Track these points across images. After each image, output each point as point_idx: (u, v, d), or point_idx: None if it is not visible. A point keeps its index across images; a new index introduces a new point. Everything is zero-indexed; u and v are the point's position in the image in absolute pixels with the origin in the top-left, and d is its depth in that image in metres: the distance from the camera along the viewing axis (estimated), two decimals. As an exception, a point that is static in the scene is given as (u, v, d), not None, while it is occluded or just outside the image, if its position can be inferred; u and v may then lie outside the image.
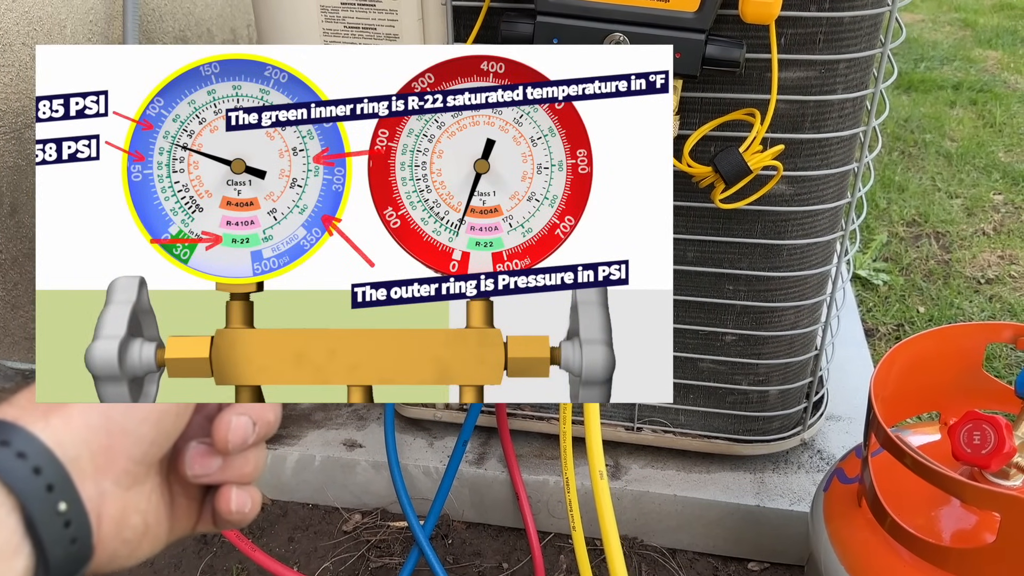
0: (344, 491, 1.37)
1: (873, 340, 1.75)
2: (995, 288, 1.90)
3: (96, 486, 0.37)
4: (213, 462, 0.42)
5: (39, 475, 0.35)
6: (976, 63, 3.13)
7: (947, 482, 0.76)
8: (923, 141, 2.54)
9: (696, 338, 1.17)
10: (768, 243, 1.07)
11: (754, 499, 1.23)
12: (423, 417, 1.35)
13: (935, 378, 0.93)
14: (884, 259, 2.02)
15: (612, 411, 1.27)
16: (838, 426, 1.36)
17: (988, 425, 0.77)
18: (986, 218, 2.16)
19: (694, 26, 0.84)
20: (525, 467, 1.30)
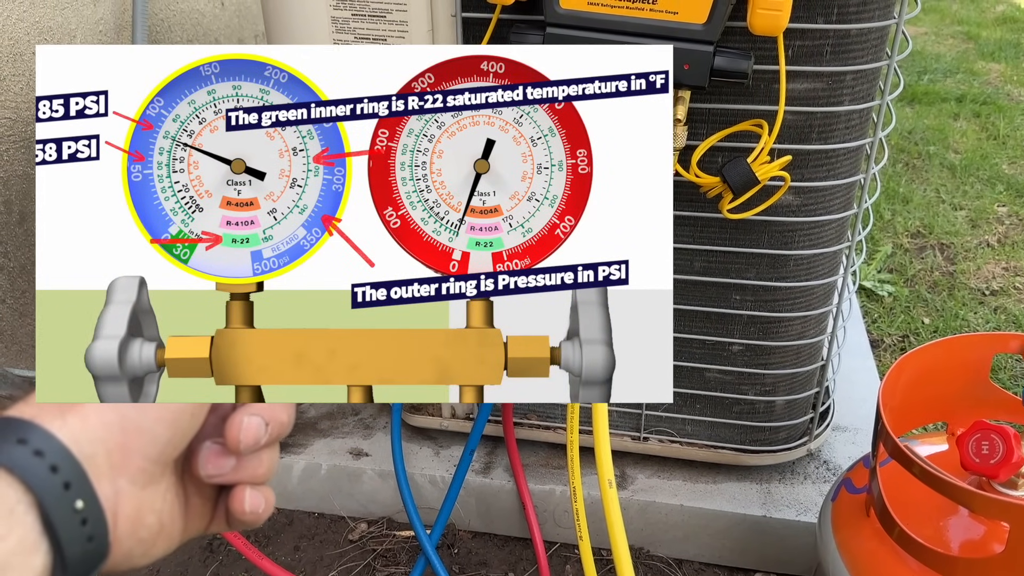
0: (350, 500, 1.37)
1: (878, 351, 1.75)
2: (1000, 299, 1.90)
3: (112, 484, 0.37)
4: (227, 462, 0.42)
5: (56, 473, 0.35)
6: (979, 76, 3.14)
7: (956, 492, 0.76)
8: (927, 153, 2.54)
9: (703, 348, 1.17)
10: (775, 253, 1.07)
11: (760, 509, 1.23)
12: (429, 426, 1.35)
13: (942, 388, 0.93)
14: (889, 270, 2.02)
15: (619, 421, 1.28)
16: (844, 436, 1.36)
17: (996, 435, 0.77)
18: (990, 230, 2.16)
19: (703, 38, 0.85)
20: (531, 476, 1.30)
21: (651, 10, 0.86)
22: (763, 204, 0.99)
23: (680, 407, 1.24)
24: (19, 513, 0.34)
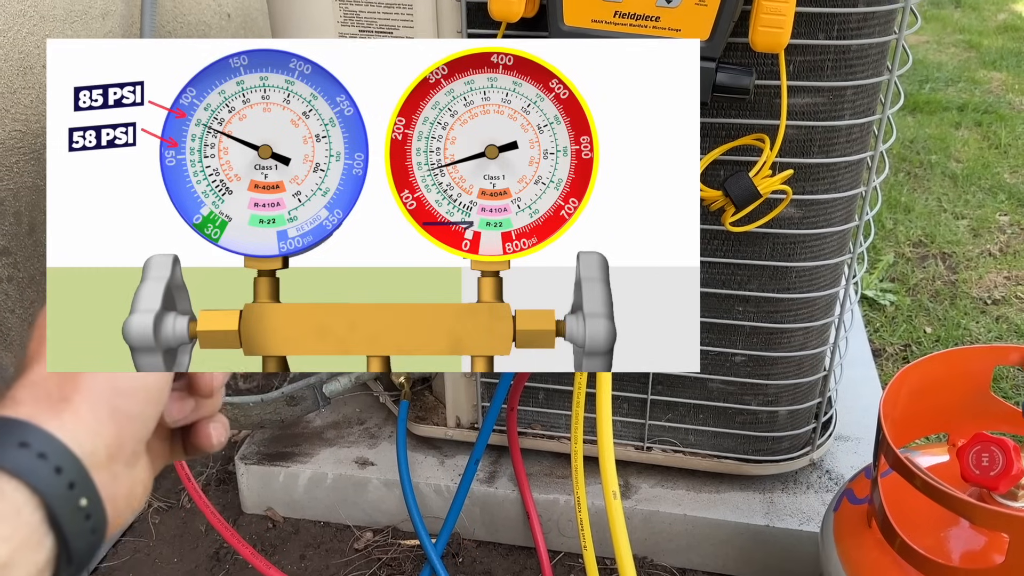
0: (356, 509, 1.38)
1: (880, 360, 1.76)
2: (1002, 309, 1.91)
3: (109, 472, 0.39)
4: (188, 405, 0.46)
5: (60, 474, 0.36)
6: (981, 84, 3.15)
7: (956, 503, 0.77)
8: (929, 162, 2.55)
9: (706, 358, 1.18)
10: (777, 265, 1.09)
11: (763, 519, 1.24)
12: (434, 435, 1.36)
13: (943, 400, 0.94)
14: (891, 279, 2.03)
15: (623, 431, 1.28)
16: (847, 446, 1.36)
17: (996, 447, 0.78)
18: (992, 239, 2.17)
19: (705, 54, 0.86)
20: (536, 486, 1.31)
21: (654, 27, 0.87)
22: (765, 217, 1.00)
23: (683, 417, 1.25)
24: (26, 514, 0.35)
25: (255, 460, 1.39)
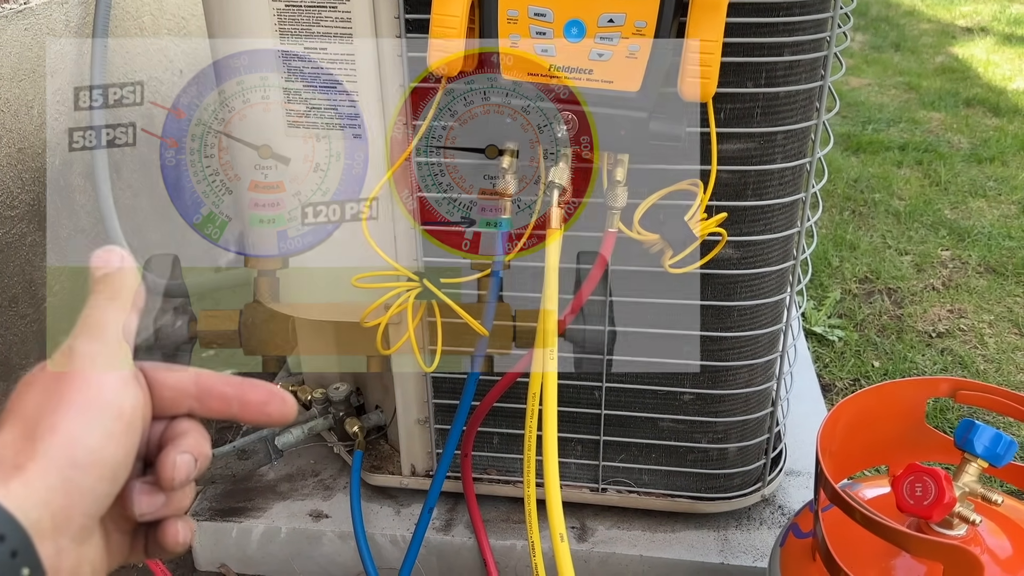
0: (310, 563, 1.36)
1: (830, 395, 1.79)
2: (946, 341, 1.96)
3: (54, 544, 0.38)
4: (158, 500, 0.44)
5: (3, 542, 0.36)
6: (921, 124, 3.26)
7: (892, 534, 0.79)
8: (873, 200, 2.63)
9: (655, 398, 1.20)
10: (718, 305, 1.11)
11: (718, 556, 1.25)
12: (389, 484, 1.35)
13: (879, 433, 0.96)
14: (839, 315, 2.07)
15: (577, 472, 1.29)
16: (798, 481, 1.38)
17: (928, 477, 0.81)
18: (935, 274, 2.24)
19: (636, 105, 0.89)
20: (492, 532, 1.31)
21: (588, 79, 0.90)
22: (703, 259, 1.03)
23: (636, 457, 1.26)
24: None
25: (207, 516, 1.37)
